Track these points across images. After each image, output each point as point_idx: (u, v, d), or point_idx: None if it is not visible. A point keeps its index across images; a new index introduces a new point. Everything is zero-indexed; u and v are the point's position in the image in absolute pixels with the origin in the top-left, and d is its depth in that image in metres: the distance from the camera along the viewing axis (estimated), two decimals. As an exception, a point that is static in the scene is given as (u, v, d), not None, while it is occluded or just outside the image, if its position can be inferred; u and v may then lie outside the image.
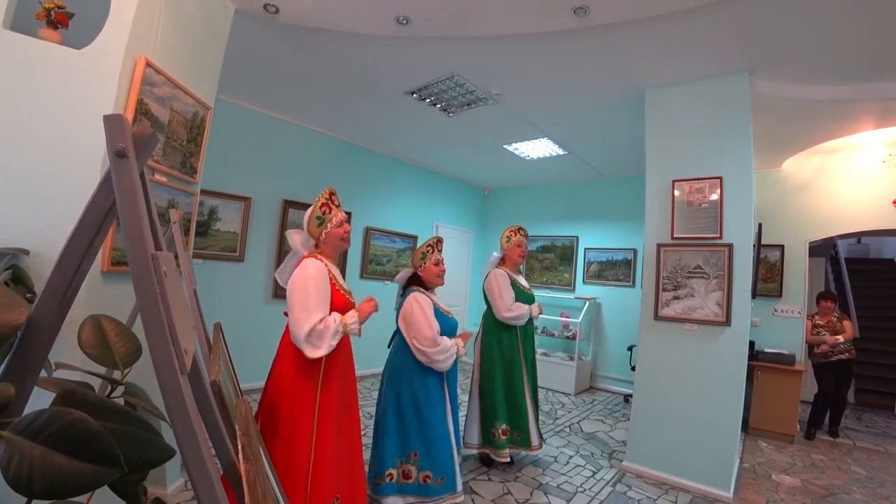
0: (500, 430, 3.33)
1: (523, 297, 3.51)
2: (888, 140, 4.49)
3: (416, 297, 2.67)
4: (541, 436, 3.51)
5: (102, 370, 1.10)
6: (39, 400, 0.74)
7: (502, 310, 3.37)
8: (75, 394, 0.56)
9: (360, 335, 2.09)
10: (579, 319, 6.41)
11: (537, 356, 3.79)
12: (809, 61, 3.22)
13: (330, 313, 2.04)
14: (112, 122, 0.52)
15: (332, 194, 2.22)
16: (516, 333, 3.47)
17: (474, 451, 3.46)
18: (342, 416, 2.14)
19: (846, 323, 4.80)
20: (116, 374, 0.94)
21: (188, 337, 0.55)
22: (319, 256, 2.15)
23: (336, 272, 2.21)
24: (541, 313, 3.59)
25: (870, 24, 2.72)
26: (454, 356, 2.61)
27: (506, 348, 3.42)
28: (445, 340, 2.59)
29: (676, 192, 3.56)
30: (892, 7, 2.55)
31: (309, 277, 2.01)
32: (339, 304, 2.11)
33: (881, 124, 4.03)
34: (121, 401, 1.02)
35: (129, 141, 0.52)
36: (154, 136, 0.59)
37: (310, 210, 2.18)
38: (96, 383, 1.23)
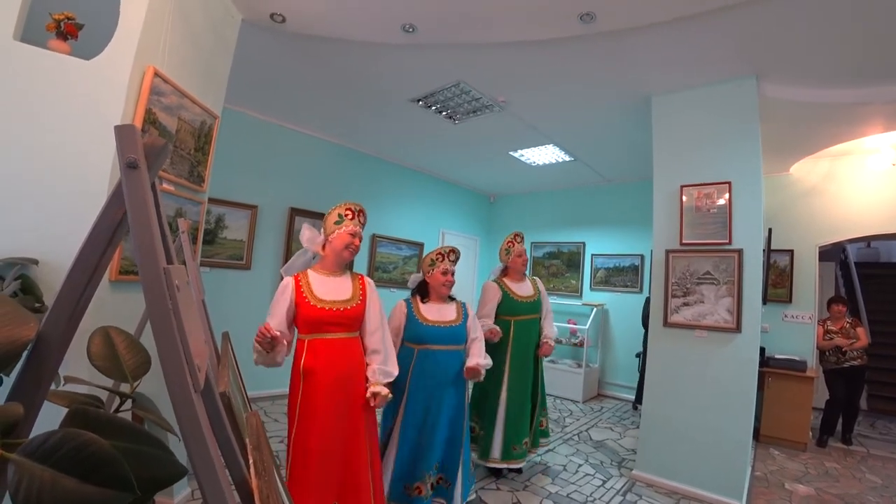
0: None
1: (519, 306, 3.43)
2: (896, 143, 4.45)
3: (398, 304, 2.78)
4: (511, 455, 3.28)
5: (111, 382, 1.09)
6: (45, 411, 0.73)
7: None
8: (86, 413, 0.55)
9: (263, 350, 2.02)
10: (587, 326, 6.37)
11: (544, 362, 3.70)
12: (817, 65, 3.20)
13: (294, 326, 2.17)
14: (123, 133, 0.51)
15: (361, 211, 2.30)
16: (505, 347, 3.36)
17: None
18: (331, 422, 2.07)
19: (860, 330, 4.73)
20: (125, 387, 0.92)
21: (201, 353, 0.53)
22: (303, 273, 2.23)
23: (322, 282, 2.20)
24: (494, 338, 3.19)
25: (878, 26, 2.70)
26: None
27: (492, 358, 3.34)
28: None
29: (684, 198, 3.53)
30: (902, 10, 2.53)
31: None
32: (308, 316, 2.11)
33: (890, 127, 3.98)
34: (129, 413, 1.01)
35: (141, 152, 0.51)
36: (166, 147, 0.58)
37: (335, 208, 2.27)
38: (104, 394, 1.23)
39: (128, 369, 0.89)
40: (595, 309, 6.60)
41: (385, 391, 2.16)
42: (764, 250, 3.78)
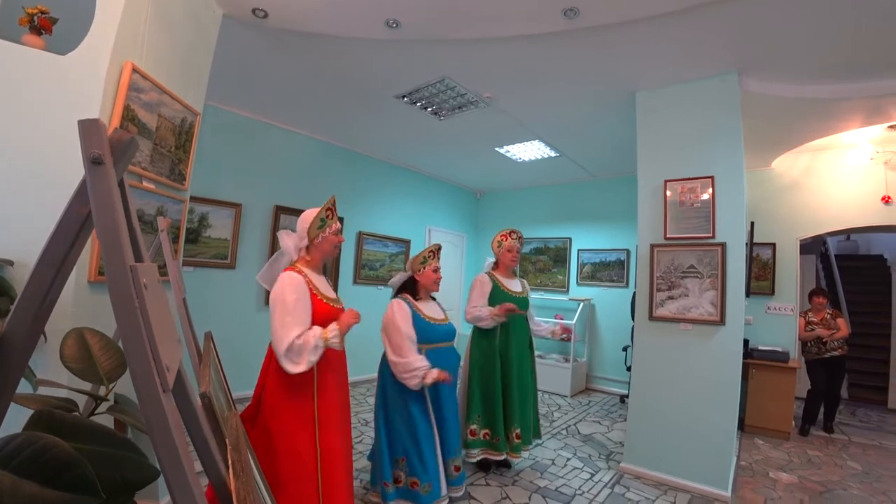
0: (468, 430, 3.30)
1: (511, 300, 3.41)
2: (874, 138, 4.53)
3: (395, 305, 2.65)
4: (523, 441, 3.38)
5: (90, 385, 1.07)
6: (21, 416, 0.71)
7: (465, 313, 3.41)
8: (52, 416, 0.53)
9: (341, 348, 2.06)
10: (574, 321, 6.40)
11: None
12: (799, 61, 3.24)
13: (312, 326, 2.01)
14: (87, 128, 0.49)
15: (334, 203, 2.23)
16: (495, 337, 3.38)
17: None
18: (345, 420, 2.15)
19: (840, 321, 4.83)
20: (102, 390, 0.91)
21: (171, 352, 0.52)
22: (299, 267, 2.12)
23: (319, 281, 2.18)
24: (505, 314, 3.24)
25: (859, 22, 2.74)
26: (418, 379, 2.46)
27: (484, 351, 3.38)
28: (414, 360, 2.47)
29: (668, 193, 3.56)
30: (879, 6, 2.57)
31: (287, 292, 1.98)
32: (322, 314, 2.07)
33: (868, 122, 4.06)
34: (107, 416, 0.99)
35: (106, 147, 0.50)
36: (133, 142, 0.57)
37: (313, 212, 2.17)
38: (83, 398, 1.20)
39: (103, 371, 0.87)
40: (582, 304, 6.64)
41: None
42: (747, 244, 3.83)
